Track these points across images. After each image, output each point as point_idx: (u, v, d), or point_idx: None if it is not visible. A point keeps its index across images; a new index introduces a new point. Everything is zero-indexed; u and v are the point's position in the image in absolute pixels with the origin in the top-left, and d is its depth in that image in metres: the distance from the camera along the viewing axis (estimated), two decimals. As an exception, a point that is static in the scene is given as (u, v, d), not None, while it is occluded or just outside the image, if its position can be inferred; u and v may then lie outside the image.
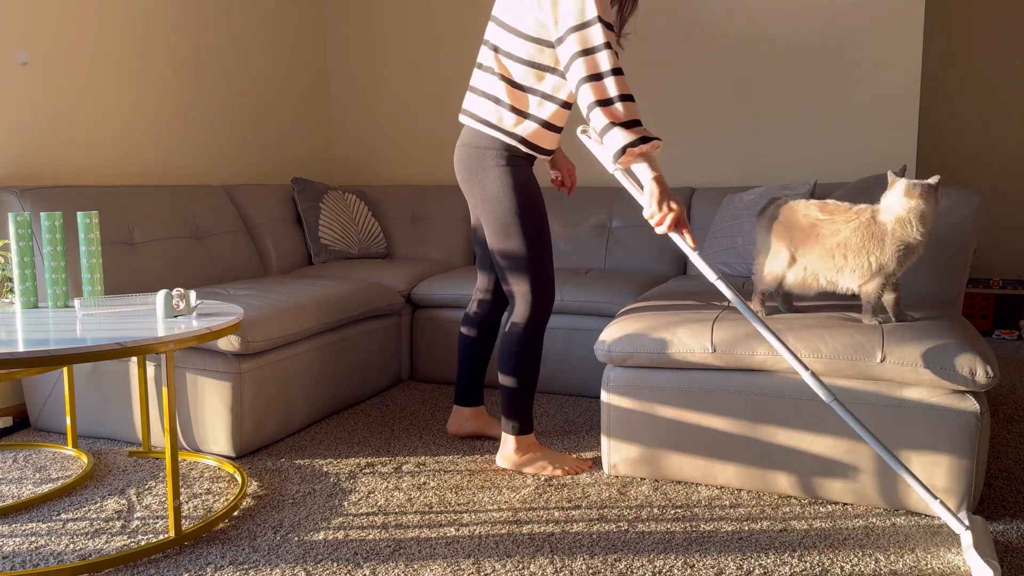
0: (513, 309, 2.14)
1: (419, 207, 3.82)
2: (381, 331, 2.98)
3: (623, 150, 1.82)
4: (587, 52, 1.84)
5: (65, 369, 2.35)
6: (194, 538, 1.81)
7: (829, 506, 1.96)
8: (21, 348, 1.57)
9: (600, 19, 1.84)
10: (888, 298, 2.01)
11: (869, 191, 2.64)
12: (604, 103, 1.83)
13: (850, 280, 2.00)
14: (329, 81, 4.28)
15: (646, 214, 1.87)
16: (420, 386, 3.14)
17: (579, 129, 2.03)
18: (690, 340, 2.02)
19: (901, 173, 2.59)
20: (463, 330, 2.42)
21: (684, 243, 1.86)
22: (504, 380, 2.17)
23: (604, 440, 2.15)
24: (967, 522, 1.71)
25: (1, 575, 1.62)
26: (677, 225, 1.86)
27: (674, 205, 1.85)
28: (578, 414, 2.74)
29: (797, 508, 1.95)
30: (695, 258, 1.83)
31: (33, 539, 1.81)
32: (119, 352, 1.61)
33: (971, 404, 1.81)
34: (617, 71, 1.83)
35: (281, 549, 1.76)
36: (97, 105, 2.94)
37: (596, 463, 2.27)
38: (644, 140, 1.82)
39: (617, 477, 2.16)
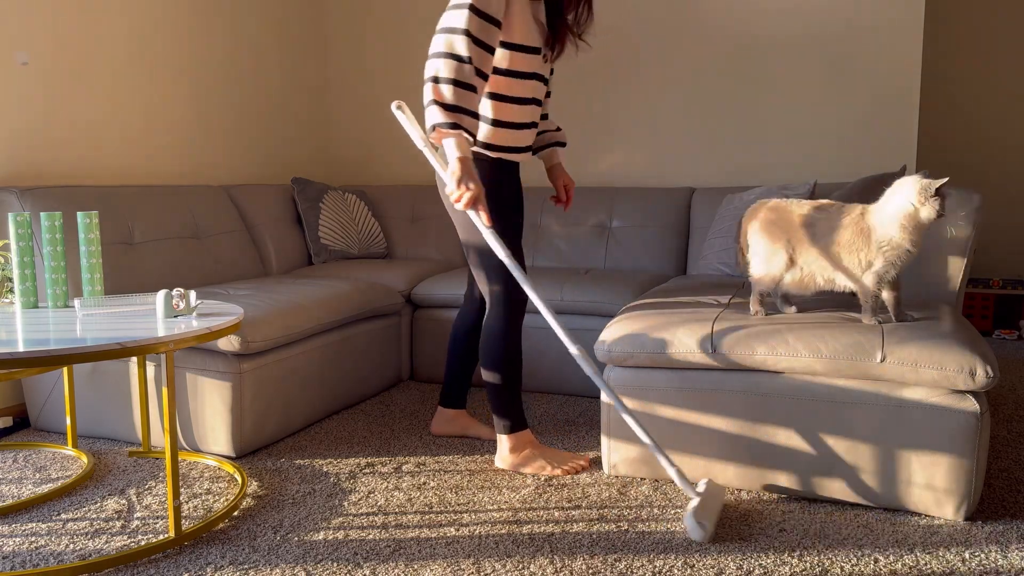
0: (488, 310, 2.17)
1: (419, 207, 3.82)
2: (381, 331, 2.98)
3: (434, 127, 1.92)
4: (446, 31, 1.92)
5: (65, 369, 2.35)
6: (194, 538, 1.81)
7: (829, 506, 1.96)
8: (21, 348, 1.57)
9: (472, 7, 1.89)
10: (888, 297, 2.01)
11: (869, 191, 2.64)
12: (434, 80, 1.91)
13: (845, 278, 2.01)
14: (329, 81, 4.28)
15: (448, 191, 1.95)
16: (420, 386, 3.14)
17: (394, 104, 2.10)
18: (690, 340, 2.02)
19: (901, 173, 2.59)
20: (453, 332, 2.45)
21: (479, 220, 1.97)
22: (487, 378, 2.19)
23: (604, 440, 2.15)
24: (700, 489, 1.88)
25: (1, 575, 1.62)
26: (475, 204, 1.95)
27: (472, 185, 1.93)
28: (578, 414, 2.74)
29: (797, 508, 1.95)
30: (488, 235, 1.97)
31: (33, 539, 1.81)
32: (119, 352, 1.61)
33: (971, 404, 1.81)
34: (461, 58, 1.90)
35: (281, 549, 1.76)
36: (97, 105, 2.94)
37: (596, 463, 2.27)
38: (455, 127, 1.90)
39: (617, 477, 2.16)
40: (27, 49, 2.68)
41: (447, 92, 1.90)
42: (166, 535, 1.82)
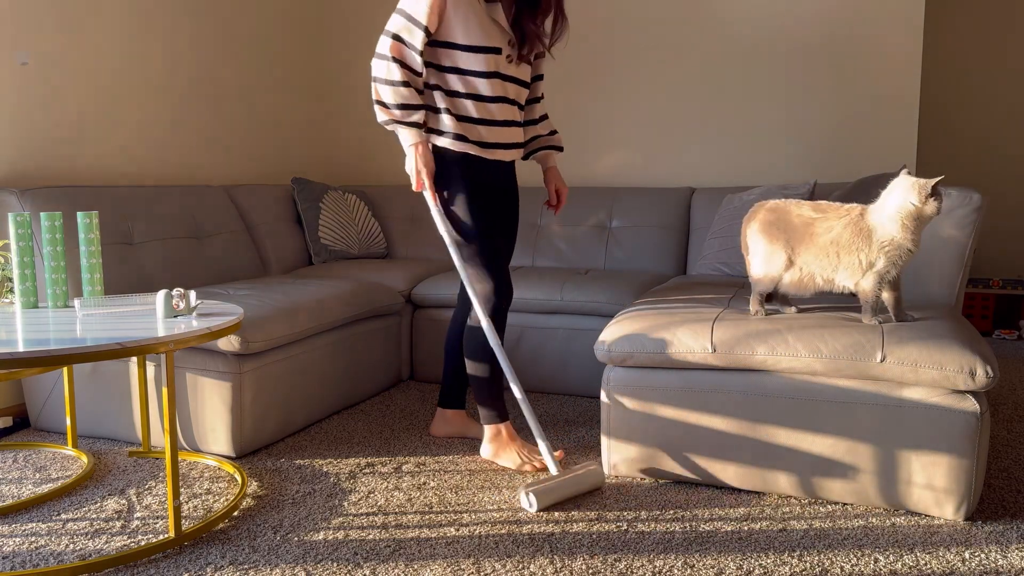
0: (474, 305, 2.21)
1: (419, 207, 3.82)
2: (381, 331, 2.98)
3: (384, 123, 2.14)
4: (384, 33, 2.10)
5: (65, 369, 2.35)
6: (194, 538, 1.81)
7: (829, 506, 1.96)
8: (21, 348, 1.57)
9: (401, 11, 2.08)
10: (888, 297, 2.01)
11: (869, 191, 2.64)
12: (374, 79, 2.11)
13: (845, 278, 2.01)
14: (329, 81, 4.28)
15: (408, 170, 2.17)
16: (420, 386, 3.14)
17: None
18: (690, 340, 2.02)
19: (901, 172, 2.59)
20: (450, 332, 2.48)
21: (430, 201, 2.17)
22: (470, 370, 2.26)
23: (604, 440, 2.15)
24: (557, 471, 2.07)
25: (1, 575, 1.62)
26: (422, 186, 2.15)
27: (421, 168, 2.13)
28: (578, 414, 2.74)
29: (797, 508, 1.95)
30: (435, 213, 2.18)
31: (33, 539, 1.81)
32: (119, 352, 1.61)
33: (971, 404, 1.81)
34: (385, 57, 2.08)
35: (281, 549, 1.76)
36: (96, 105, 2.94)
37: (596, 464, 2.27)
38: (395, 122, 2.11)
39: (617, 477, 2.16)
40: (27, 49, 2.68)
41: (383, 92, 2.10)
42: (166, 535, 1.82)
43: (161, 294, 1.90)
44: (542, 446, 2.10)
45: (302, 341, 2.55)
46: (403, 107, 2.10)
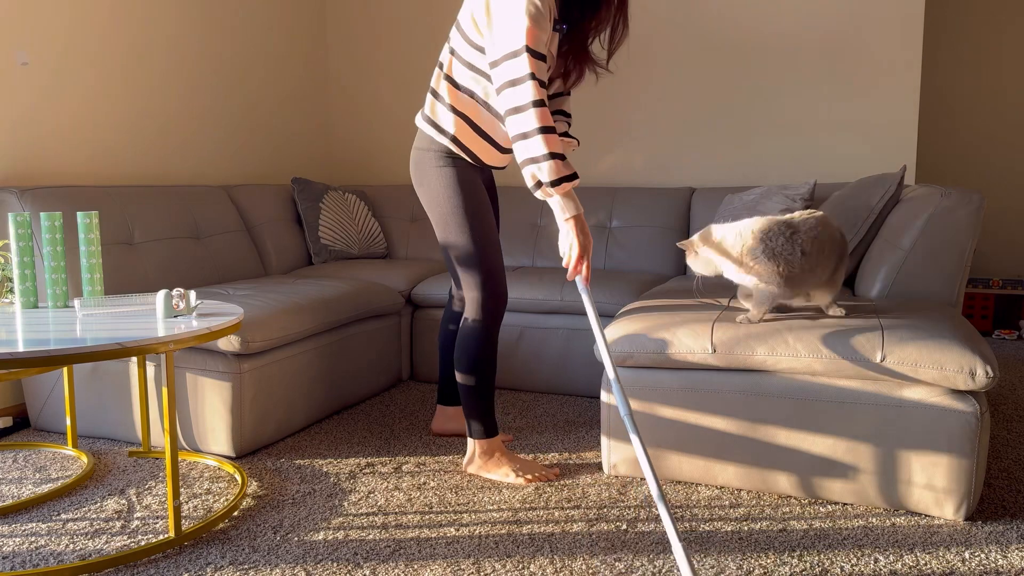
0: (467, 312, 2.14)
1: (419, 207, 3.82)
2: (381, 331, 2.98)
3: (537, 184, 1.86)
4: (512, 83, 1.85)
5: (65, 369, 2.35)
6: (194, 538, 1.81)
7: (829, 506, 1.96)
8: (21, 348, 1.57)
9: (528, 48, 1.82)
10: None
11: (869, 191, 2.64)
12: (522, 136, 1.85)
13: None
14: (329, 81, 4.28)
15: (563, 251, 1.91)
16: (420, 386, 3.14)
17: None
18: (690, 340, 2.02)
19: (901, 173, 2.59)
20: (442, 330, 2.43)
21: (582, 284, 1.89)
22: (462, 380, 2.15)
23: (604, 440, 2.15)
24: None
25: (1, 575, 1.62)
26: (580, 261, 1.90)
27: (582, 249, 1.88)
28: (578, 414, 2.74)
29: (797, 508, 1.95)
30: (584, 292, 1.87)
31: (33, 539, 1.81)
32: (119, 352, 1.61)
33: (971, 404, 1.81)
34: (539, 103, 1.83)
35: (281, 549, 1.76)
36: (97, 105, 2.94)
37: (596, 466, 2.27)
38: (561, 180, 1.83)
39: (617, 477, 2.16)
40: (27, 49, 2.68)
41: (538, 145, 1.83)
42: (166, 535, 1.82)
43: (161, 294, 1.90)
44: (682, 560, 1.52)
45: (302, 341, 2.55)
46: (561, 157, 1.82)
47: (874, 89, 3.37)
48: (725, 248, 2.04)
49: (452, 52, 2.04)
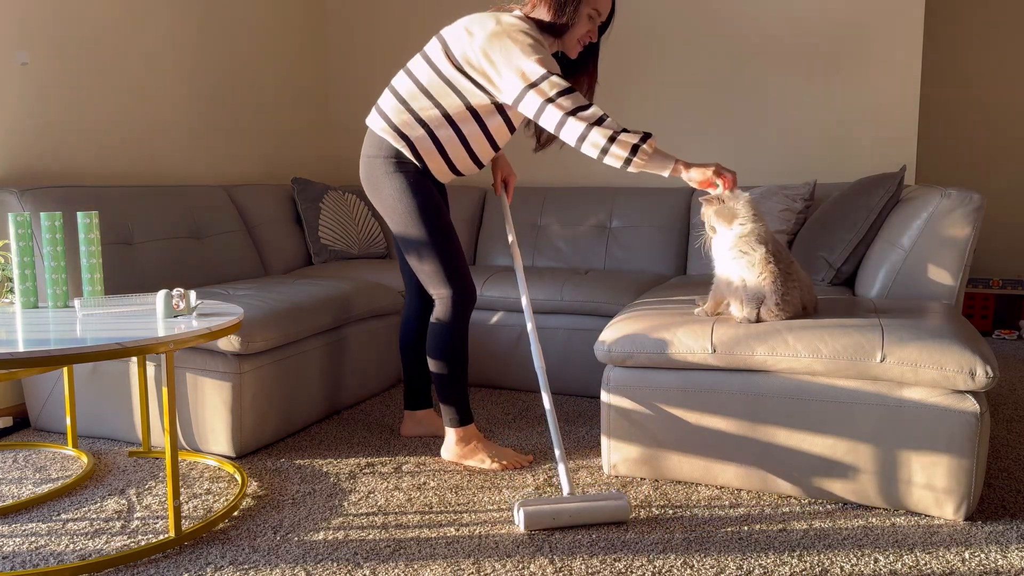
0: (437, 305, 2.20)
1: (419, 207, 3.82)
2: (381, 331, 2.98)
3: (632, 155, 1.92)
4: (551, 100, 1.93)
5: (65, 369, 2.35)
6: (194, 538, 1.81)
7: (829, 506, 1.96)
8: (21, 348, 1.57)
9: (548, 73, 1.93)
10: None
11: (869, 191, 2.64)
12: (581, 139, 1.93)
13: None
14: (329, 81, 4.28)
15: (713, 191, 2.03)
16: (420, 386, 3.14)
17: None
18: (690, 340, 2.02)
19: (901, 173, 2.59)
20: (402, 335, 2.46)
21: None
22: (435, 369, 2.22)
23: (604, 440, 2.15)
24: (568, 490, 1.95)
25: (1, 575, 1.62)
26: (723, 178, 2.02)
27: (724, 170, 2.01)
28: (578, 414, 2.74)
29: (797, 508, 1.95)
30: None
31: (33, 539, 1.81)
32: (119, 352, 1.61)
33: (971, 404, 1.81)
34: (574, 110, 1.92)
35: (281, 549, 1.76)
36: (97, 105, 2.94)
37: (596, 464, 2.27)
38: (639, 145, 1.92)
39: (617, 477, 2.16)
40: (27, 49, 2.68)
41: (609, 125, 1.91)
42: (166, 535, 1.82)
43: (161, 294, 1.90)
44: (561, 468, 2.00)
45: (302, 341, 2.55)
46: (625, 129, 1.93)
47: (874, 89, 3.37)
48: (750, 238, 2.02)
49: (425, 56, 2.09)
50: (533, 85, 1.93)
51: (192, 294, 1.95)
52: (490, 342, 3.05)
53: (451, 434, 2.26)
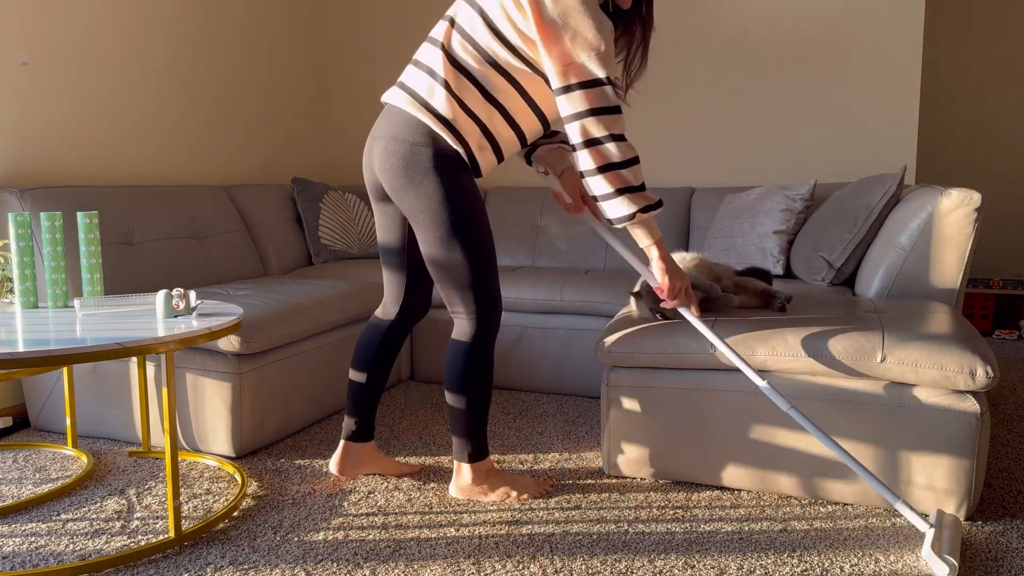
0: (462, 329, 1.93)
1: (419, 207, 3.82)
2: (381, 331, 2.98)
3: (631, 216, 1.80)
4: (594, 112, 1.74)
5: (65, 369, 2.35)
6: (194, 538, 1.81)
7: (829, 506, 1.96)
8: (21, 348, 1.57)
9: (609, 80, 1.74)
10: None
11: (869, 191, 2.64)
12: (607, 168, 1.77)
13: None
14: (329, 81, 4.28)
15: (661, 283, 1.92)
16: (420, 386, 3.14)
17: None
18: (690, 340, 2.02)
19: (901, 173, 2.59)
20: (363, 343, 2.11)
21: (689, 314, 1.95)
22: (454, 402, 1.95)
23: (604, 440, 2.15)
24: (932, 521, 1.72)
25: (1, 575, 1.62)
26: (686, 296, 1.95)
27: (682, 276, 1.92)
28: (578, 414, 2.74)
29: (797, 508, 1.95)
30: (699, 326, 1.94)
31: (33, 539, 1.81)
32: (119, 352, 1.61)
33: (971, 404, 1.81)
34: (620, 137, 1.77)
35: (281, 549, 1.76)
36: (97, 105, 2.94)
37: (596, 464, 2.27)
38: (647, 210, 1.81)
39: (617, 477, 2.16)
40: (27, 49, 2.68)
41: (628, 175, 1.78)
42: (166, 535, 1.82)
43: (161, 294, 1.90)
44: (903, 508, 1.71)
45: (302, 341, 2.55)
46: (645, 190, 1.79)
47: (874, 89, 3.37)
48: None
49: (462, 32, 1.84)
50: (588, 85, 1.73)
51: (192, 294, 1.95)
52: (490, 342, 3.04)
53: (466, 471, 2.00)
